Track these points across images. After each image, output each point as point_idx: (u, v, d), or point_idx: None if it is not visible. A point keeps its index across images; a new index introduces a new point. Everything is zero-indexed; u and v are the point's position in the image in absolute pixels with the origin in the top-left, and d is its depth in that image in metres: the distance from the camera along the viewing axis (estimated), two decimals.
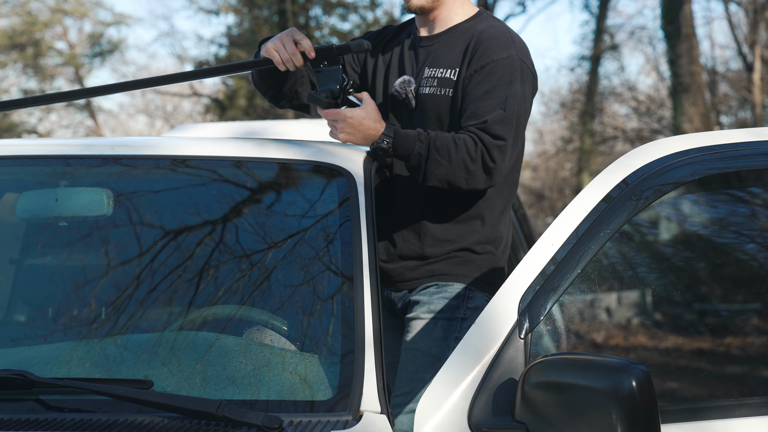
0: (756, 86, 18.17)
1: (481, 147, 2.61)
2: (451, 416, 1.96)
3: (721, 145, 2.22)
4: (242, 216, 2.52)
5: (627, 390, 1.77)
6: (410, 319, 2.74)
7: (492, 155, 2.61)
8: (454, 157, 2.60)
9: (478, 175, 2.63)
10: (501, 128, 2.63)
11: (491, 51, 2.70)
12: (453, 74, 2.75)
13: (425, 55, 2.84)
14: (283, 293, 2.35)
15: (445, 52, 2.80)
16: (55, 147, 2.86)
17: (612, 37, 20.67)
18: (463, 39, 2.79)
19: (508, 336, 2.00)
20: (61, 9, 25.18)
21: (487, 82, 2.68)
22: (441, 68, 2.78)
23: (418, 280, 2.78)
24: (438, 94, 2.75)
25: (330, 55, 2.64)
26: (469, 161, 2.60)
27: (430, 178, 2.63)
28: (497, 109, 2.64)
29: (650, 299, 2.53)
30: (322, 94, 2.62)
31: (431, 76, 2.78)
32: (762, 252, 2.46)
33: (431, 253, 2.76)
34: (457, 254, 2.76)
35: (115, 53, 26.72)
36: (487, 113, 2.65)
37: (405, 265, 2.78)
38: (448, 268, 2.76)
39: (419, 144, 2.61)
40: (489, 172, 2.63)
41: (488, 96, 2.66)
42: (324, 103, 2.60)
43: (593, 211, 2.10)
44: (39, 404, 2.01)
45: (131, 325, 2.30)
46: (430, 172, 2.62)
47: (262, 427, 1.89)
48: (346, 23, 21.56)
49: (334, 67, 2.63)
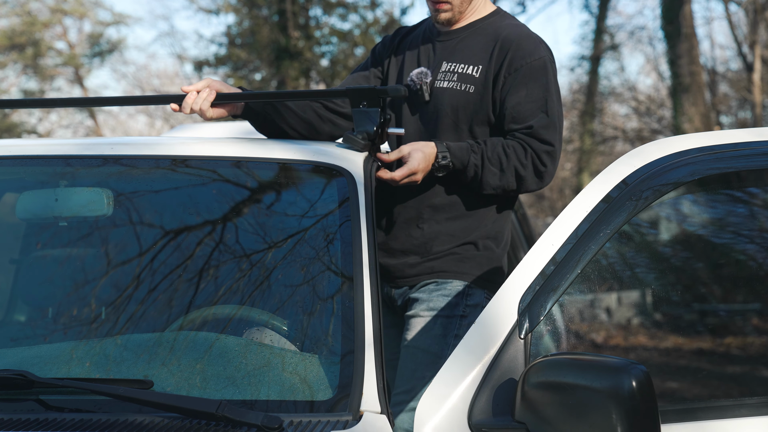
0: (756, 86, 18.17)
1: (531, 153, 2.69)
2: (451, 416, 1.96)
3: (721, 145, 2.22)
4: (242, 216, 2.52)
5: (627, 390, 1.77)
6: (410, 316, 2.75)
7: (542, 160, 2.70)
8: (505, 165, 2.68)
9: (530, 180, 2.72)
10: (547, 133, 2.71)
11: (523, 53, 2.75)
12: (475, 71, 2.78)
13: (443, 49, 2.86)
14: (283, 293, 2.35)
15: (466, 47, 2.83)
16: (55, 147, 2.86)
17: (612, 37, 20.67)
18: (484, 36, 2.83)
19: (508, 336, 2.00)
20: (61, 9, 25.18)
21: (523, 84, 2.73)
22: (462, 63, 2.81)
23: (418, 276, 2.78)
24: (457, 89, 2.78)
25: (371, 96, 2.64)
26: (521, 168, 2.69)
27: (485, 187, 2.71)
28: (539, 113, 2.72)
29: (650, 299, 2.53)
30: (358, 135, 2.62)
31: (450, 71, 2.81)
32: (762, 252, 2.46)
33: (433, 249, 2.77)
34: (458, 250, 2.78)
35: (115, 53, 26.74)
36: (529, 117, 2.71)
37: (405, 262, 2.79)
38: (448, 265, 2.77)
39: (474, 155, 2.68)
40: (540, 176, 2.72)
41: (527, 99, 2.72)
42: (360, 144, 2.61)
43: (593, 212, 2.10)
44: (39, 404, 2.01)
45: (131, 325, 2.30)
46: (485, 182, 2.70)
47: (262, 427, 1.89)
48: (346, 23, 21.56)
49: (373, 109, 2.64)
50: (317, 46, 21.24)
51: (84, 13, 25.48)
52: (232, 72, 21.48)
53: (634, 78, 27.52)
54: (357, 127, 2.65)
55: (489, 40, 2.80)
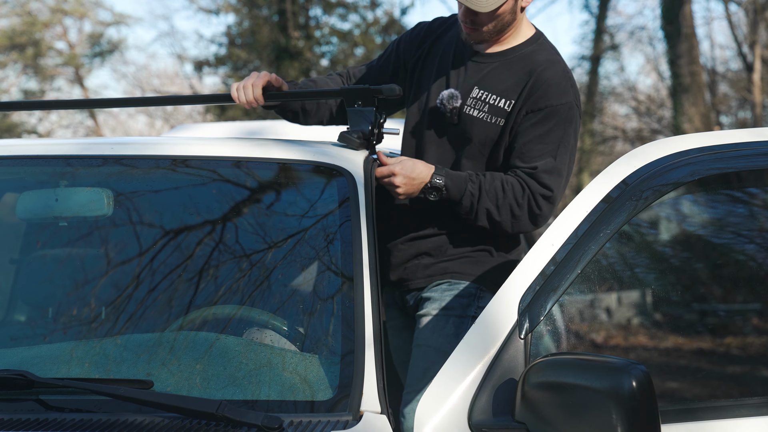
0: (756, 86, 18.18)
1: (528, 194, 2.66)
2: (451, 416, 1.96)
3: (721, 145, 2.22)
4: (242, 216, 2.52)
5: (627, 390, 1.77)
6: (421, 315, 2.75)
7: (538, 203, 2.66)
8: (501, 201, 2.65)
9: (523, 221, 2.69)
10: (549, 178, 2.67)
11: (551, 95, 2.68)
12: (507, 105, 2.72)
13: (476, 72, 2.79)
14: (283, 293, 2.35)
15: (499, 77, 2.76)
16: (56, 147, 2.86)
17: (612, 37, 20.68)
18: (520, 67, 2.75)
19: (508, 336, 2.00)
20: (61, 9, 25.18)
21: (542, 125, 2.68)
22: (494, 95, 2.74)
23: (431, 277, 2.79)
24: (487, 121, 2.73)
25: (365, 96, 2.65)
26: (516, 207, 2.66)
27: (480, 219, 2.68)
28: (547, 157, 2.67)
29: (650, 299, 2.53)
30: (353, 134, 2.63)
31: (482, 100, 2.75)
32: (762, 252, 2.46)
33: (448, 251, 2.77)
34: (473, 254, 2.78)
35: (115, 53, 26.74)
36: (537, 158, 2.67)
37: (419, 263, 2.80)
38: (461, 267, 2.77)
39: (471, 184, 2.65)
40: (534, 219, 2.69)
41: (541, 140, 2.68)
42: (355, 143, 2.62)
43: (593, 212, 2.09)
44: (39, 404, 2.01)
45: (131, 325, 2.30)
46: (480, 213, 2.67)
47: (262, 427, 1.89)
48: (346, 23, 21.56)
49: (368, 108, 2.65)
50: (317, 46, 21.24)
51: (84, 13, 25.48)
52: (232, 72, 21.48)
53: (634, 78, 27.54)
54: (352, 127, 2.66)
55: (524, 74, 2.72)
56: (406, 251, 2.81)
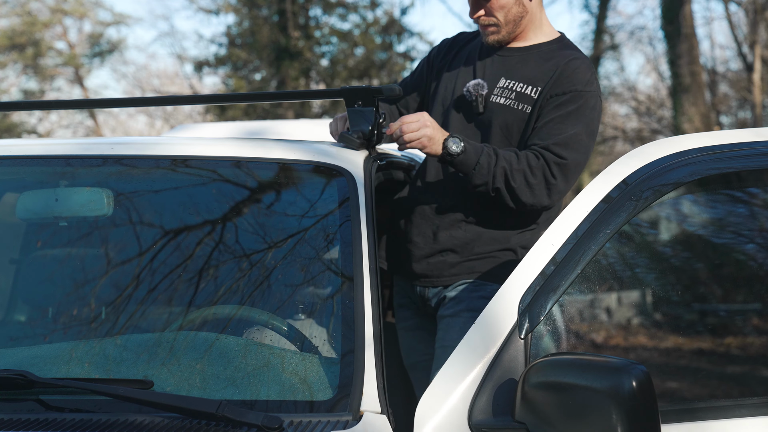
0: (756, 86, 18.18)
1: (542, 162, 2.68)
2: (452, 416, 1.96)
3: (721, 145, 2.22)
4: (242, 216, 2.52)
5: (627, 390, 1.77)
6: (447, 316, 2.76)
7: (552, 171, 2.69)
8: (516, 166, 2.67)
9: (538, 190, 2.70)
10: (563, 149, 2.70)
11: (576, 81, 2.75)
12: (534, 92, 2.78)
13: (502, 64, 2.86)
14: (283, 293, 2.35)
15: (526, 67, 2.83)
16: (55, 147, 2.86)
17: (612, 37, 20.68)
18: (546, 59, 2.82)
19: (508, 336, 2.00)
20: (61, 9, 25.19)
21: (564, 107, 2.73)
22: (521, 82, 2.80)
23: (457, 276, 2.80)
24: (513, 107, 2.78)
25: (365, 96, 2.66)
26: (530, 174, 2.68)
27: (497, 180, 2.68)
28: (565, 134, 2.71)
29: (650, 299, 2.52)
30: (354, 134, 2.64)
31: (508, 88, 2.81)
32: (762, 252, 2.46)
33: (475, 249, 2.78)
34: (499, 254, 2.80)
35: (115, 53, 26.74)
36: (553, 137, 2.71)
37: (445, 260, 2.80)
38: (486, 267, 2.79)
39: (487, 148, 2.68)
40: (549, 187, 2.70)
41: (561, 120, 2.72)
42: (356, 143, 2.63)
43: (593, 212, 2.09)
44: (39, 404, 2.01)
45: (131, 325, 2.30)
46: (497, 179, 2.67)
47: (262, 427, 1.89)
48: (346, 23, 21.57)
49: (368, 108, 2.66)
50: (317, 46, 21.26)
51: (84, 13, 25.49)
52: (232, 72, 21.49)
53: (634, 78, 27.56)
54: (352, 127, 2.66)
55: (551, 65, 2.79)
56: (431, 246, 2.81)
